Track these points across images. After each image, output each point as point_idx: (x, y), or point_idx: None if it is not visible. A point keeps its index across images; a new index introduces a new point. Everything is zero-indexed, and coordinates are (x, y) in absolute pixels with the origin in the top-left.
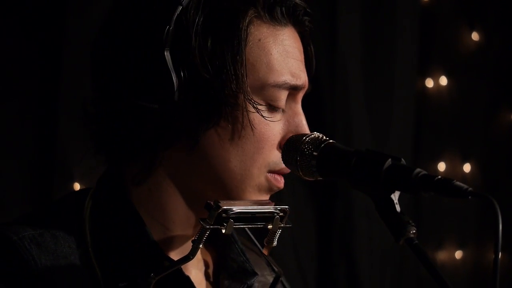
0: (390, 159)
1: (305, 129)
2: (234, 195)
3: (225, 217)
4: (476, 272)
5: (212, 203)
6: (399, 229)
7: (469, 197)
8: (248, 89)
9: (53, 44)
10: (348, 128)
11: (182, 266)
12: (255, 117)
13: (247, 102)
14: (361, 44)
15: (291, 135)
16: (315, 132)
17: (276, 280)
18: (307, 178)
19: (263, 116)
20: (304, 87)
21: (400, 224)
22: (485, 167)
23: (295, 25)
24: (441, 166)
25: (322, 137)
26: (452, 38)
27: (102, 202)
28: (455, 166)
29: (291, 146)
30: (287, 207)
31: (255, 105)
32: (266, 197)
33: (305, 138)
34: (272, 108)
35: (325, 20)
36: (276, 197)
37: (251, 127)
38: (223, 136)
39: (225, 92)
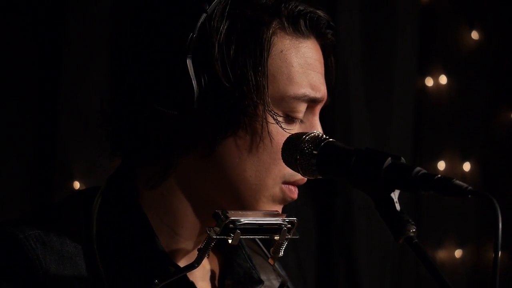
0: (390, 158)
1: None
2: (247, 205)
3: (232, 227)
4: (476, 271)
5: (220, 212)
6: (399, 228)
7: (469, 196)
8: (268, 99)
9: (53, 43)
10: (348, 127)
11: (187, 273)
12: (273, 128)
13: (266, 113)
14: (361, 42)
15: None
16: (314, 131)
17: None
18: (307, 177)
19: (283, 128)
20: (323, 100)
21: (400, 223)
22: (485, 166)
23: (317, 38)
24: (441, 165)
25: (322, 135)
26: (452, 37)
27: (111, 202)
28: (455, 165)
29: (290, 144)
30: (295, 219)
31: (274, 117)
32: (279, 207)
33: (305, 137)
34: (290, 119)
35: None
36: None
37: (270, 138)
38: (240, 146)
39: (245, 102)
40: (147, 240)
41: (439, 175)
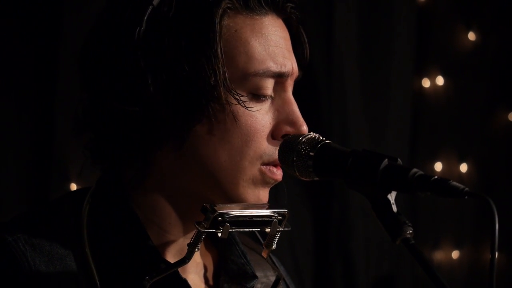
0: (386, 159)
1: (297, 116)
2: (229, 192)
3: (221, 220)
4: (473, 272)
5: (208, 206)
6: (395, 229)
7: (466, 197)
8: (228, 81)
9: (49, 44)
10: (345, 128)
11: (179, 269)
12: (238, 109)
13: (228, 95)
14: (358, 43)
15: (283, 125)
16: (311, 132)
17: (276, 283)
18: (304, 179)
19: (246, 107)
20: (290, 74)
21: (397, 224)
22: (482, 167)
23: (278, 13)
24: (438, 166)
25: (319, 137)
26: (449, 38)
27: (100, 203)
28: (451, 166)
29: (287, 146)
30: (285, 210)
31: (236, 97)
32: (263, 190)
33: (302, 139)
34: (257, 97)
35: (321, 19)
36: (272, 197)
37: (235, 119)
38: (209, 133)
39: (204, 87)
40: (137, 238)
41: (436, 177)
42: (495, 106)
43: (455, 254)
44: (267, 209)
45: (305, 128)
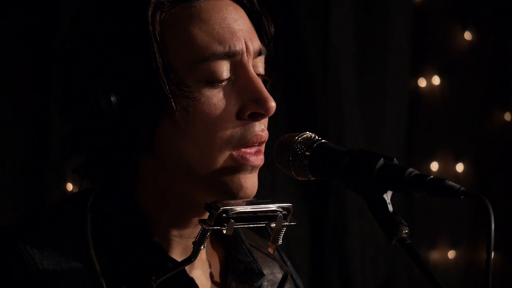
0: (382, 159)
1: (260, 92)
2: (210, 185)
3: (225, 217)
4: (469, 272)
5: (211, 203)
6: (391, 229)
7: (462, 196)
8: (173, 76)
9: (45, 43)
10: (341, 128)
11: (186, 268)
12: (189, 101)
13: (175, 90)
14: (354, 43)
15: (249, 104)
16: (307, 132)
17: (284, 279)
18: (300, 178)
19: (193, 99)
20: (244, 52)
21: (393, 224)
22: (478, 166)
23: None
24: (434, 166)
25: (315, 136)
26: (445, 38)
27: (105, 203)
28: (448, 166)
29: (283, 146)
30: (290, 205)
31: (184, 89)
32: (244, 177)
33: (298, 138)
34: (214, 83)
35: (317, 19)
36: (269, 197)
37: (193, 112)
38: (172, 130)
39: (149, 89)
40: (142, 236)
41: (432, 176)
42: (491, 106)
43: (451, 254)
44: (271, 204)
45: (272, 104)
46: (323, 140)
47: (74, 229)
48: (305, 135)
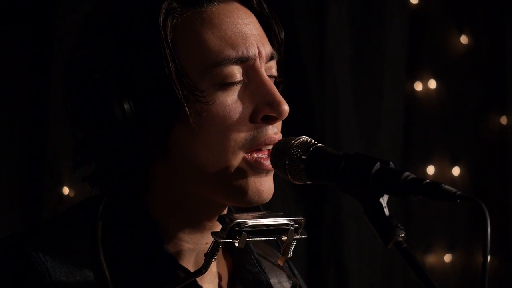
0: (378, 163)
1: (273, 95)
2: (225, 189)
3: (238, 230)
4: (465, 275)
5: (225, 216)
6: (388, 232)
7: (458, 200)
8: (187, 81)
9: (43, 46)
10: (337, 132)
11: (197, 279)
12: (202, 105)
13: (188, 95)
14: (350, 47)
15: (262, 107)
16: (303, 136)
17: None
18: (296, 182)
19: (207, 103)
20: (257, 57)
21: (389, 228)
22: (474, 170)
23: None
24: (430, 170)
25: (311, 140)
26: (441, 41)
27: (116, 210)
28: (444, 170)
29: (279, 150)
30: (302, 218)
31: (197, 94)
32: (258, 180)
33: (294, 142)
34: (227, 87)
35: (314, 22)
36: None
37: (206, 115)
38: (186, 135)
39: (163, 95)
40: (153, 245)
41: (428, 180)
42: (488, 110)
43: (447, 258)
44: (283, 217)
45: (285, 107)
46: (319, 144)
47: (85, 236)
48: (301, 139)
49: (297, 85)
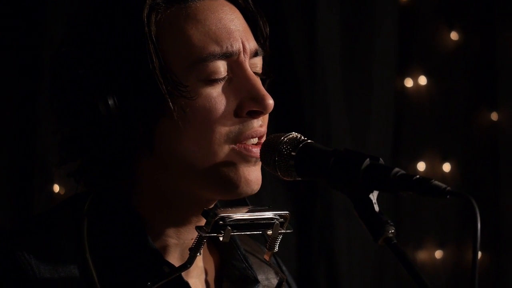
0: (368, 159)
1: (258, 90)
2: (213, 181)
3: (222, 224)
4: (456, 271)
5: (209, 210)
6: (377, 229)
7: (448, 196)
8: (170, 76)
9: (32, 45)
10: (327, 128)
11: (183, 274)
12: (186, 101)
13: (173, 90)
14: (340, 43)
15: (247, 102)
16: (293, 132)
17: (279, 286)
18: (286, 178)
19: (188, 98)
20: (241, 52)
21: (379, 224)
22: (465, 166)
23: None
24: (421, 166)
25: (301, 137)
26: (431, 38)
27: (101, 207)
28: (434, 166)
29: (269, 146)
30: (287, 212)
31: (181, 89)
32: (247, 169)
33: (283, 138)
34: (212, 82)
35: (304, 19)
36: (255, 197)
37: (191, 109)
38: (172, 128)
39: (147, 90)
40: (138, 241)
41: (418, 176)
42: (478, 106)
43: (438, 254)
44: (268, 211)
45: (270, 101)
46: (309, 141)
47: (71, 233)
48: (291, 136)
49: (287, 81)
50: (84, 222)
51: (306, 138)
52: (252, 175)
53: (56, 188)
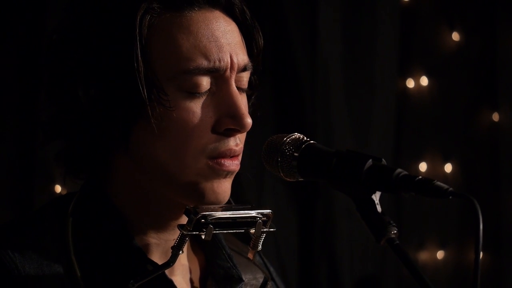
0: (370, 160)
1: (237, 109)
2: (184, 190)
3: (204, 222)
4: (458, 272)
5: (191, 208)
6: (380, 229)
7: (450, 197)
8: (154, 81)
9: (33, 44)
10: (329, 129)
11: (166, 271)
12: (165, 109)
13: (153, 96)
14: (342, 44)
15: (225, 118)
16: (295, 133)
17: (264, 285)
18: (288, 179)
19: (169, 108)
20: (228, 68)
21: (381, 225)
22: (467, 167)
23: (213, 6)
24: (422, 166)
25: (303, 137)
26: (432, 38)
27: (85, 208)
28: (436, 166)
29: (271, 147)
30: (270, 211)
31: (162, 96)
32: (217, 182)
33: (286, 139)
34: (192, 94)
35: (305, 19)
36: (258, 197)
37: (170, 117)
38: (147, 132)
39: (129, 91)
40: (121, 240)
41: (420, 177)
42: (479, 106)
43: (440, 254)
44: (251, 210)
45: (248, 120)
46: (312, 141)
47: (55, 233)
48: (293, 136)
49: (289, 82)
50: (69, 222)
51: (308, 139)
52: (220, 188)
53: (58, 188)
